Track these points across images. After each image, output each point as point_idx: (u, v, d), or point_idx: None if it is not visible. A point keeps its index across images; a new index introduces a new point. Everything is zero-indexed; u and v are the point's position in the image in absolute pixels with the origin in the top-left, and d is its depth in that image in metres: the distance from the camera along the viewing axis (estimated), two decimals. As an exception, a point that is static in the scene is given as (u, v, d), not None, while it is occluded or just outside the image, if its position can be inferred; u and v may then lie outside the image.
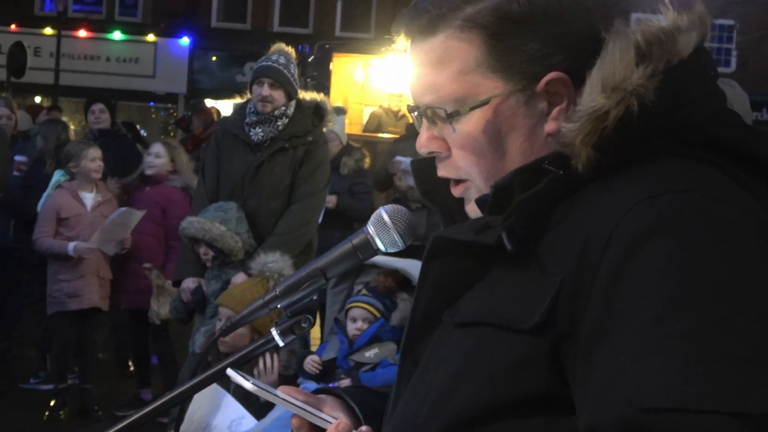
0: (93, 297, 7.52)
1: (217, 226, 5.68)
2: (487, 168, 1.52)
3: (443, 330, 1.52)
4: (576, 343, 1.33)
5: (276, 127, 5.91)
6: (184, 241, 5.94)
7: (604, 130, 1.38)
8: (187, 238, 5.87)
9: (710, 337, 1.22)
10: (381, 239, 1.67)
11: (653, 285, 1.26)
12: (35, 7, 28.24)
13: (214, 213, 5.77)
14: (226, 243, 5.68)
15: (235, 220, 5.75)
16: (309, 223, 5.97)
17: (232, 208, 5.81)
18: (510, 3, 1.47)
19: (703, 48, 1.46)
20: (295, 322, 1.72)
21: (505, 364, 1.37)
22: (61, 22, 23.66)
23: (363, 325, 4.70)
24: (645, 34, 1.42)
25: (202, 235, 5.72)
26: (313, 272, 1.70)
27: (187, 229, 5.80)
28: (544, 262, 1.39)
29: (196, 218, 5.80)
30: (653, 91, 1.38)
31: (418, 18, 1.52)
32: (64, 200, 7.63)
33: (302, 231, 5.89)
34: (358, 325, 4.70)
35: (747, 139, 1.44)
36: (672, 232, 1.29)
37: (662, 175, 1.37)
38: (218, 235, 5.67)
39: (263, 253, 5.40)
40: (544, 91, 1.48)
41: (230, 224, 5.72)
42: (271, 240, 5.77)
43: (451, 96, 1.50)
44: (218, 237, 5.67)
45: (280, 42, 6.24)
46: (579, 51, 1.47)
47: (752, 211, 1.36)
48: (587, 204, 1.40)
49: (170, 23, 27.61)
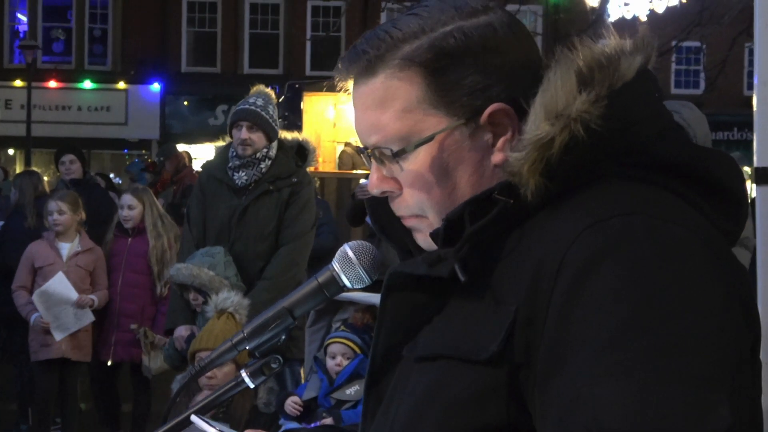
0: (61, 347, 7.48)
1: (205, 271, 5.61)
2: (438, 203, 1.52)
3: (404, 365, 1.52)
4: (534, 372, 1.33)
5: (259, 170, 5.88)
6: (174, 288, 5.90)
7: (550, 158, 1.39)
8: (177, 285, 5.82)
9: (664, 358, 1.23)
10: (346, 275, 1.67)
11: (605, 309, 1.27)
12: (4, 59, 28.27)
13: (201, 258, 5.71)
14: (215, 288, 5.58)
15: (223, 264, 5.69)
16: (298, 265, 5.91)
17: (220, 252, 5.75)
18: (446, 38, 1.48)
19: (646, 70, 1.47)
20: (264, 362, 1.71)
21: (464, 396, 1.37)
22: (30, 73, 23.69)
23: (343, 360, 4.69)
24: (586, 59, 1.43)
25: (191, 281, 5.64)
26: (279, 312, 1.70)
27: (175, 276, 5.75)
28: (498, 292, 1.39)
29: (183, 264, 5.74)
30: (597, 116, 1.38)
31: (357, 60, 1.53)
32: (40, 250, 7.67)
33: (292, 273, 5.82)
34: (337, 360, 4.69)
35: (693, 158, 1.46)
36: (620, 255, 1.30)
37: (609, 199, 1.38)
38: (207, 280, 5.59)
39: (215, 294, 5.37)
40: (488, 122, 1.48)
41: (218, 269, 5.65)
42: (261, 284, 5.73)
43: (396, 135, 1.50)
44: (207, 282, 5.59)
45: (251, 83, 6.24)
46: (519, 80, 1.49)
47: (700, 229, 1.37)
48: (537, 232, 1.40)
49: (140, 70, 27.69)
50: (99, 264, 7.66)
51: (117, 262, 7.69)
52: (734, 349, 1.28)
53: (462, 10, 1.51)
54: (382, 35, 1.52)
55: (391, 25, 1.53)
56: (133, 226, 7.67)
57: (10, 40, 28.42)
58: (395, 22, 1.54)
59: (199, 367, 1.73)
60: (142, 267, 7.61)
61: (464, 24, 1.49)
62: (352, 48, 1.56)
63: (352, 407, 4.59)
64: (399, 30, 1.51)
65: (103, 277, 7.63)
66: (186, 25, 28.74)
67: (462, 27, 1.49)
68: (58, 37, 28.44)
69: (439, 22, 1.50)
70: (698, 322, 1.26)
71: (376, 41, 1.52)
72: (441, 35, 1.49)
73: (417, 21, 1.51)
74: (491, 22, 1.50)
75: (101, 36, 28.57)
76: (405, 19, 1.53)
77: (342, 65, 1.56)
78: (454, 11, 1.51)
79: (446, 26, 1.49)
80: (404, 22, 1.52)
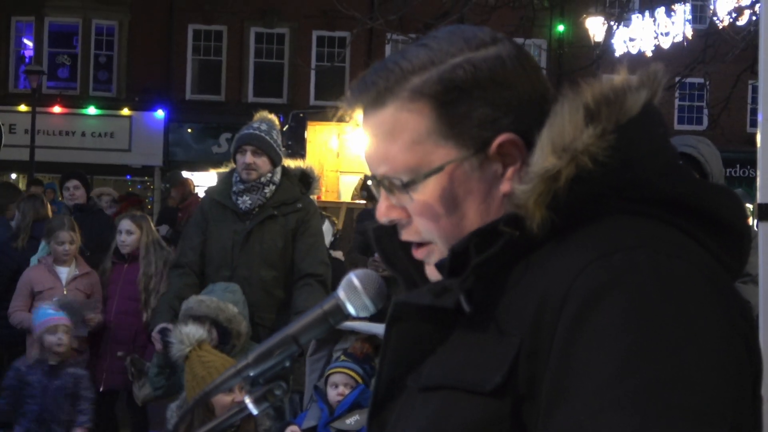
0: None
1: (231, 307, 5.49)
2: (447, 232, 1.52)
3: (408, 395, 1.52)
4: (537, 403, 1.33)
5: (264, 195, 5.87)
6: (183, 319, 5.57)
7: (557, 191, 1.40)
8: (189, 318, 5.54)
9: (666, 391, 1.23)
10: (352, 304, 1.67)
11: (608, 342, 1.28)
12: (9, 84, 28.35)
13: (223, 294, 5.58)
14: (236, 325, 5.48)
15: (242, 303, 5.61)
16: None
17: (238, 290, 5.64)
18: (455, 71, 1.49)
19: (652, 105, 1.48)
20: (268, 389, 1.71)
21: (468, 427, 1.38)
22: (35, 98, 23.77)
23: (345, 390, 4.67)
24: (594, 94, 1.44)
25: (216, 314, 5.46)
26: (284, 339, 1.70)
27: (195, 308, 5.53)
28: (503, 324, 1.40)
29: (207, 297, 5.56)
30: (603, 150, 1.39)
31: (366, 91, 1.53)
32: (39, 275, 7.67)
33: None
34: (340, 390, 4.68)
35: (697, 194, 1.46)
36: (624, 289, 1.30)
37: (613, 234, 1.39)
38: (232, 316, 5.47)
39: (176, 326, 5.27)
40: (497, 153, 1.49)
41: (239, 306, 5.56)
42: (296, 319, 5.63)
43: (405, 166, 1.51)
44: (232, 318, 5.46)
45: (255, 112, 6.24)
46: (527, 113, 1.49)
47: (703, 264, 1.38)
48: (542, 265, 1.41)
49: (144, 97, 27.78)
50: (96, 289, 7.62)
51: (113, 290, 7.64)
52: (735, 384, 1.29)
53: (471, 41, 1.52)
54: (391, 66, 1.53)
55: (400, 57, 1.54)
56: (130, 251, 7.62)
57: (16, 65, 28.52)
58: (404, 53, 1.54)
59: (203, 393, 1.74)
60: (135, 294, 7.49)
61: (473, 56, 1.50)
62: (360, 78, 1.56)
63: (351, 437, 4.58)
64: (408, 61, 1.52)
65: (100, 300, 7.60)
66: (191, 53, 28.87)
67: (471, 59, 1.50)
68: (63, 63, 28.54)
69: (448, 54, 1.50)
70: (700, 356, 1.27)
71: (385, 72, 1.52)
72: (450, 67, 1.49)
73: (426, 52, 1.52)
74: (500, 54, 1.51)
75: (106, 62, 28.68)
76: (414, 51, 1.54)
77: (351, 95, 1.56)
78: (463, 43, 1.52)
79: (455, 58, 1.50)
80: (413, 54, 1.53)
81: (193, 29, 28.79)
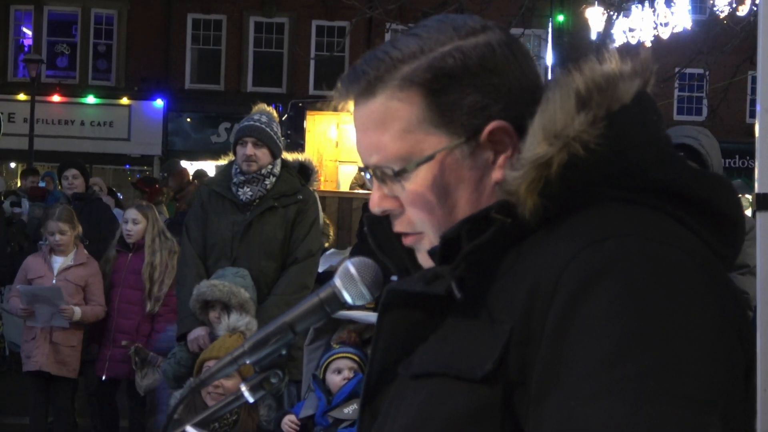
0: (40, 360, 7.47)
1: (242, 291, 5.52)
2: (439, 221, 1.53)
3: (400, 383, 1.52)
4: (528, 391, 1.34)
5: (264, 186, 5.89)
6: (194, 305, 5.68)
7: (549, 178, 1.40)
8: (200, 303, 5.64)
9: (657, 378, 1.24)
10: (348, 292, 1.68)
11: (599, 329, 1.28)
12: (8, 73, 28.33)
13: (234, 278, 5.60)
14: (248, 309, 5.48)
15: (251, 288, 5.64)
16: (307, 288, 5.84)
17: (247, 275, 5.68)
18: (445, 59, 1.49)
19: (645, 93, 1.48)
20: (264, 377, 1.72)
21: (459, 414, 1.38)
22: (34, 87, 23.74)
23: (350, 374, 4.67)
24: (586, 81, 1.44)
25: (228, 299, 5.49)
26: (281, 327, 1.70)
27: (208, 293, 5.57)
28: (494, 311, 1.40)
29: (219, 282, 5.59)
30: (595, 138, 1.40)
31: (356, 81, 1.54)
32: (34, 263, 7.78)
33: (302, 294, 5.69)
34: (344, 374, 4.67)
35: (690, 182, 1.46)
36: (616, 276, 1.31)
37: (605, 221, 1.39)
38: (244, 300, 5.50)
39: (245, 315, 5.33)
40: (488, 140, 1.49)
41: (249, 291, 5.59)
42: (272, 300, 5.71)
43: (397, 155, 1.51)
44: (243, 302, 5.49)
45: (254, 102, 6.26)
46: (518, 100, 1.50)
47: (696, 252, 1.38)
48: (534, 252, 1.41)
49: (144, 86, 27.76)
50: (93, 279, 7.61)
51: (117, 278, 7.67)
52: (726, 372, 1.30)
53: (460, 30, 1.52)
54: (381, 56, 1.53)
55: (390, 46, 1.54)
56: (135, 241, 7.64)
57: (15, 54, 28.50)
58: (394, 42, 1.55)
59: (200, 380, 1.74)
60: (139, 283, 7.55)
61: (462, 44, 1.51)
62: (351, 69, 1.56)
63: (349, 426, 4.58)
64: (398, 50, 1.52)
65: (97, 292, 7.57)
66: (190, 42, 28.83)
67: (460, 47, 1.50)
68: (62, 51, 28.53)
69: (438, 42, 1.51)
70: (691, 343, 1.27)
71: (375, 62, 1.53)
72: (439, 55, 1.50)
73: (416, 41, 1.52)
74: (489, 42, 1.51)
75: (105, 52, 28.66)
76: (404, 40, 1.54)
77: (342, 85, 1.57)
78: (453, 31, 1.52)
79: (444, 46, 1.50)
80: (403, 43, 1.53)
81: (192, 18, 28.74)
